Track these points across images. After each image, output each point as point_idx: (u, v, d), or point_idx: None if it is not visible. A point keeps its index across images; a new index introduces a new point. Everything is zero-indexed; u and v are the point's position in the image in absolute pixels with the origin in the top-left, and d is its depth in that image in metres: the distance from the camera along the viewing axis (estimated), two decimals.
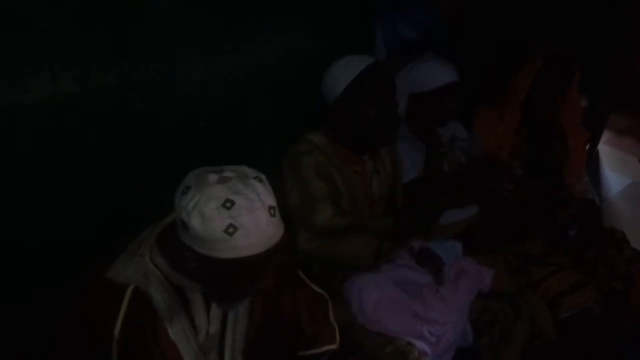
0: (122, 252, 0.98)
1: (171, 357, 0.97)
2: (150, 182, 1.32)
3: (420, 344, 1.37)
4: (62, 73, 1.17)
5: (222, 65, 1.45)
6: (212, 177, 0.87)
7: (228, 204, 0.83)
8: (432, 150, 1.75)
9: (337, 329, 1.22)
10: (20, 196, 1.22)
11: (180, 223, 0.87)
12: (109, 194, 1.34)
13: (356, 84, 1.39)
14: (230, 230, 0.83)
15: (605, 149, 3.40)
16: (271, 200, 0.88)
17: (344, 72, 1.40)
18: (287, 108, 1.64)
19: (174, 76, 1.36)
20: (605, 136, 3.40)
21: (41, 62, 1.14)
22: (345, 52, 1.47)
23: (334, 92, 1.42)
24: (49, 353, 1.01)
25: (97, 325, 0.93)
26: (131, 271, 0.94)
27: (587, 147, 2.84)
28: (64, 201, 1.28)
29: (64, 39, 1.15)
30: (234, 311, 1.05)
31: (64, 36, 1.15)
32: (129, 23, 1.24)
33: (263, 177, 0.92)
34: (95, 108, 1.26)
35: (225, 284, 0.93)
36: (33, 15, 1.09)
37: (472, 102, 2.05)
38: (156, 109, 1.36)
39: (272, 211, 0.87)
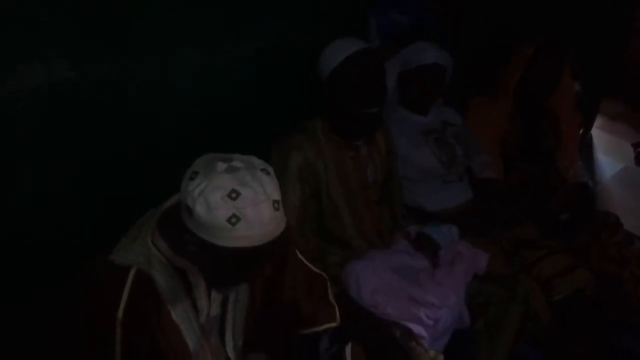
0: (124, 236, 0.98)
1: (173, 339, 0.98)
2: (149, 177, 1.33)
3: (418, 328, 1.38)
4: (60, 66, 1.18)
5: (221, 60, 1.46)
6: (221, 166, 0.86)
7: (233, 195, 0.83)
8: None
9: (336, 307, 1.24)
10: (19, 192, 1.22)
11: (184, 207, 0.87)
12: (108, 191, 1.35)
13: (340, 69, 1.39)
14: (233, 220, 0.83)
15: (598, 134, 3.43)
16: (276, 195, 0.89)
17: (330, 57, 1.41)
18: (285, 102, 1.65)
19: (173, 69, 1.37)
20: (599, 121, 3.43)
21: (39, 52, 1.14)
22: None
23: (323, 74, 1.44)
24: (54, 339, 1.01)
25: (101, 308, 0.93)
26: (133, 254, 0.94)
27: (580, 131, 2.87)
28: (62, 199, 1.29)
29: (63, 31, 1.15)
30: (234, 293, 1.06)
31: (62, 28, 1.15)
32: (128, 17, 1.24)
33: (270, 169, 0.92)
34: (94, 100, 1.26)
35: (223, 270, 0.94)
36: (32, 6, 1.10)
37: (466, 89, 2.06)
38: (154, 102, 1.37)
39: (276, 205, 0.88)
